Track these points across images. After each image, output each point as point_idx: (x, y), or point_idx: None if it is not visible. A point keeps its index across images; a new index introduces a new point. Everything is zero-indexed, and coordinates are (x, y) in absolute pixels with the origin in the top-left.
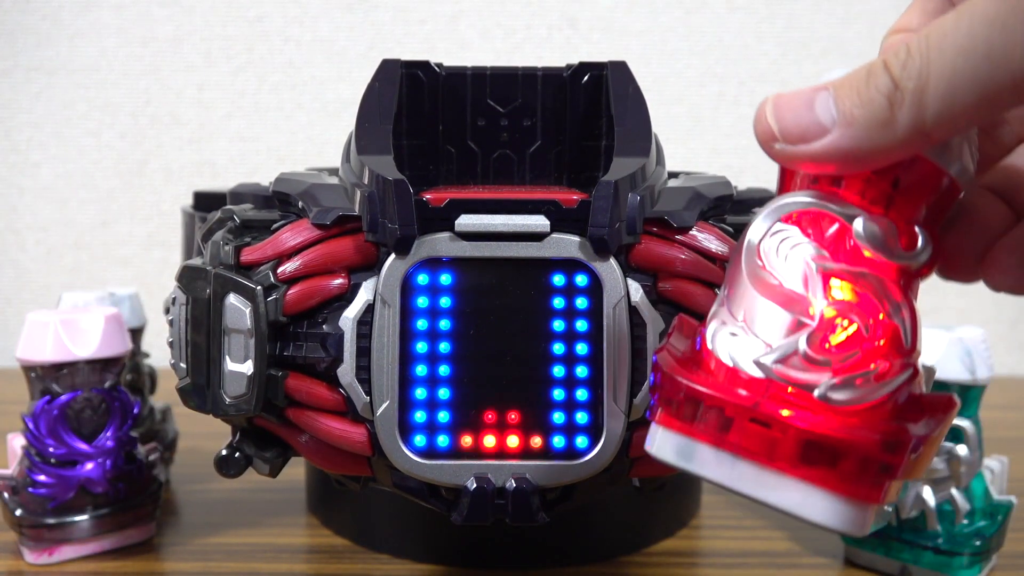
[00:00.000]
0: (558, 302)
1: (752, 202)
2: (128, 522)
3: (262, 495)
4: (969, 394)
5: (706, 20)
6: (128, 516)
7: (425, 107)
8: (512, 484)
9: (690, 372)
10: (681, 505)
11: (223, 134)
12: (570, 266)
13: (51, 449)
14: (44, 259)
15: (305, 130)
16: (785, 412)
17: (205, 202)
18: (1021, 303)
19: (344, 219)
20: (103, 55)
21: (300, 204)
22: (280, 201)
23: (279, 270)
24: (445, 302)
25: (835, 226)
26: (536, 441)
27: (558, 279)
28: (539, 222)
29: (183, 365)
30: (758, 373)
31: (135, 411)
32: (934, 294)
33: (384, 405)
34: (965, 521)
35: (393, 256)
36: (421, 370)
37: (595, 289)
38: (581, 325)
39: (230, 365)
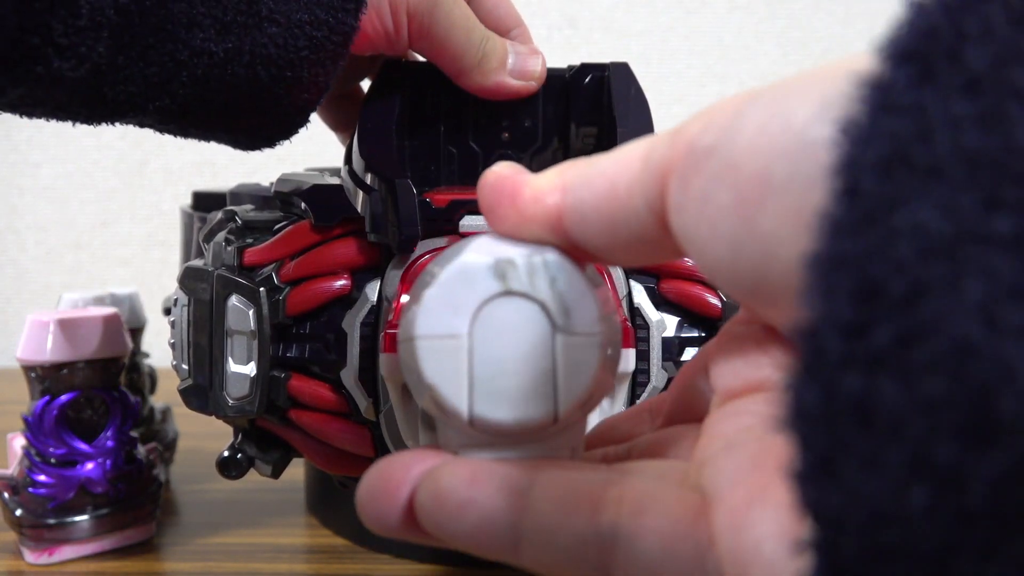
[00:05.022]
0: None
1: None
2: (128, 522)
3: (262, 495)
4: None
5: (706, 20)
6: (128, 516)
7: (427, 108)
8: None
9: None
10: None
11: None
12: None
13: (51, 449)
14: (44, 259)
15: (305, 130)
16: None
17: (205, 202)
18: None
19: (347, 220)
20: None
21: (302, 205)
22: (282, 202)
23: (282, 271)
24: None
25: None
26: None
27: None
28: None
29: (185, 366)
30: None
31: (135, 411)
32: None
33: (387, 407)
34: None
35: (396, 257)
36: None
37: None
38: None
39: (233, 366)
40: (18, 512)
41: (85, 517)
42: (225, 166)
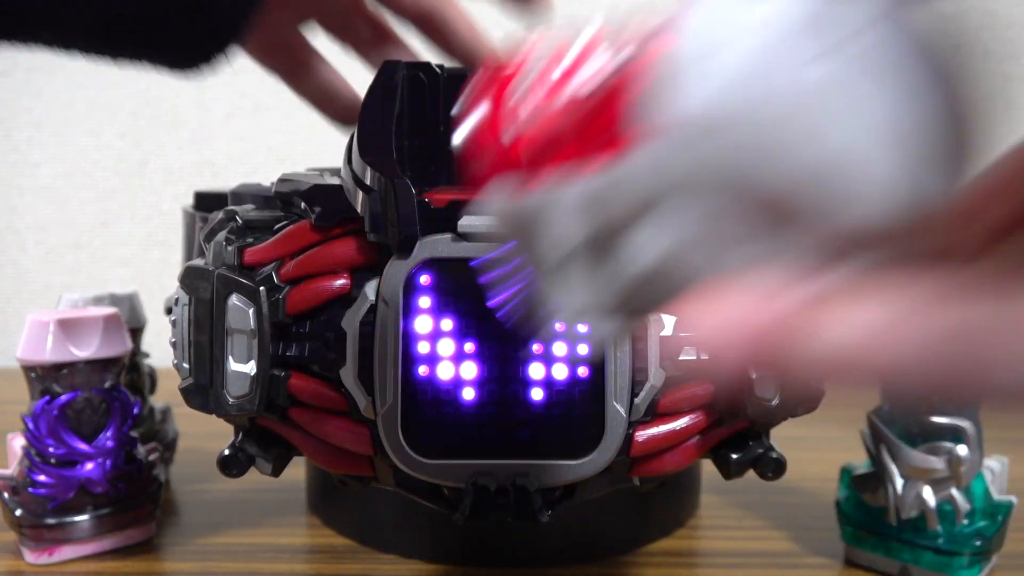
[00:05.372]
0: None
1: None
2: (128, 522)
3: (262, 495)
4: None
5: None
6: (128, 516)
7: (426, 108)
8: (514, 483)
9: None
10: (680, 505)
11: (223, 134)
12: None
13: (51, 449)
14: (44, 259)
15: (305, 130)
16: None
17: (206, 202)
18: None
19: (346, 220)
20: None
21: (302, 205)
22: (282, 201)
23: (282, 270)
24: (447, 302)
25: None
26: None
27: None
28: None
29: (186, 365)
30: None
31: (135, 411)
32: None
33: (386, 406)
34: (965, 521)
35: (395, 256)
36: (423, 370)
37: None
38: (582, 326)
39: (233, 365)
40: (18, 512)
41: (85, 517)
42: (225, 166)
